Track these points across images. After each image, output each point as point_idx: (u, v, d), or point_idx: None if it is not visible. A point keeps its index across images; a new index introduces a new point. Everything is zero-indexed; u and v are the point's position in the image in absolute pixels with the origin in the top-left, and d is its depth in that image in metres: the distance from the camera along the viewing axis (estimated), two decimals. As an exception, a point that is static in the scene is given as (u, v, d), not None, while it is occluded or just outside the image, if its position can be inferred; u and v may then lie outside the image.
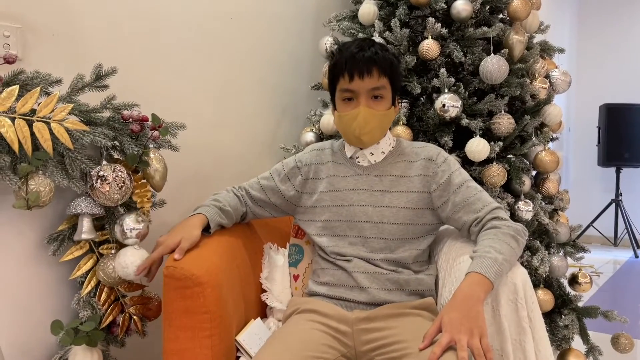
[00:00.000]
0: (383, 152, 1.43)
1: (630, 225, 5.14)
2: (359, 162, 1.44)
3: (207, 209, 1.39)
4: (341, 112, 1.38)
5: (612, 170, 5.38)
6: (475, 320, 1.06)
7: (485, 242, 1.22)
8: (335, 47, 1.58)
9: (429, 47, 1.81)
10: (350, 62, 1.32)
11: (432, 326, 1.11)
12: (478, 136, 1.77)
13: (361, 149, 1.43)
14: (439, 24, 1.82)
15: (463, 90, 1.81)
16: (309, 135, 2.06)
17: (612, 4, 5.67)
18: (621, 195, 5.30)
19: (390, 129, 1.79)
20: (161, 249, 1.27)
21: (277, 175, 1.51)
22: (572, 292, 1.94)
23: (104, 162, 1.36)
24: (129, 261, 1.33)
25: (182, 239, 1.26)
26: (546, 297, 1.81)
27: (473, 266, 1.16)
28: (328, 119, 1.97)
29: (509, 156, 1.90)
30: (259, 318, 1.43)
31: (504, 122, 1.80)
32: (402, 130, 1.79)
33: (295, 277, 1.56)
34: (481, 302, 1.10)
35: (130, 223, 1.39)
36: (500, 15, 1.99)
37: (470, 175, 1.84)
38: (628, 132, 5.14)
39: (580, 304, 1.93)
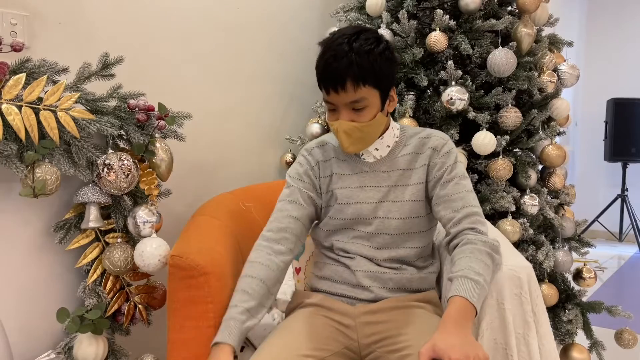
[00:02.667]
0: (388, 146, 1.36)
1: (635, 221, 5.12)
2: (364, 158, 1.37)
3: (236, 333, 1.18)
4: (328, 120, 1.30)
5: (619, 165, 5.35)
6: (478, 347, 1.02)
7: (462, 261, 1.17)
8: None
9: (437, 39, 1.80)
10: (323, 75, 1.21)
11: (424, 351, 1.03)
12: (485, 129, 1.77)
13: None
14: (447, 16, 1.81)
15: (470, 83, 1.80)
16: (315, 127, 2.06)
17: (621, -3, 5.62)
18: (627, 191, 5.27)
19: (395, 119, 1.79)
20: None
21: (303, 186, 1.38)
22: (576, 287, 1.94)
23: (110, 151, 1.36)
24: (148, 252, 1.33)
25: None
26: (550, 292, 1.81)
27: (456, 288, 1.11)
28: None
29: (515, 150, 1.89)
30: (263, 309, 1.43)
31: (511, 116, 1.79)
32: (408, 122, 1.79)
33: (297, 270, 1.56)
34: (470, 326, 1.07)
35: (143, 216, 1.40)
36: (509, 8, 1.98)
37: (476, 169, 1.84)
38: (635, 127, 5.11)
39: (584, 299, 1.93)
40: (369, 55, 1.19)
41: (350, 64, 1.17)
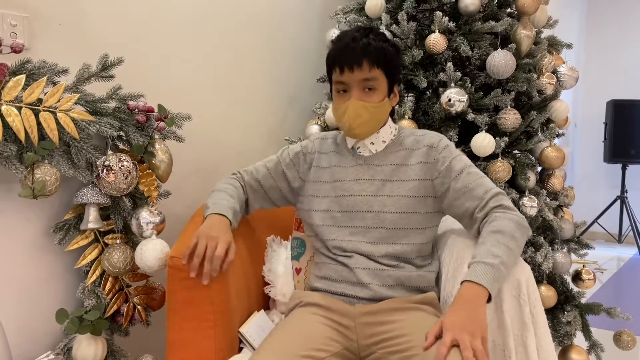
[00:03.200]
0: (384, 141, 1.41)
1: (635, 222, 5.12)
2: (360, 152, 1.42)
3: (229, 213, 1.33)
4: (335, 105, 1.37)
5: (618, 166, 5.35)
6: (477, 322, 1.05)
7: (481, 247, 1.20)
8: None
9: (436, 40, 1.80)
10: (341, 54, 1.31)
11: (434, 326, 1.09)
12: (484, 131, 1.77)
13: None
14: (447, 18, 1.81)
15: (469, 84, 1.81)
16: (314, 128, 2.06)
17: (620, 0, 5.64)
18: (626, 192, 5.28)
19: (395, 121, 1.79)
20: (223, 244, 1.21)
21: (283, 160, 1.48)
22: (575, 289, 1.94)
23: (110, 152, 1.36)
24: (148, 253, 1.34)
25: (231, 244, 1.24)
26: (549, 293, 1.81)
27: (468, 274, 1.15)
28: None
29: (514, 152, 1.89)
30: (262, 310, 1.43)
31: (510, 118, 1.80)
32: (407, 124, 1.79)
33: (298, 271, 1.56)
34: (482, 305, 1.09)
35: (146, 216, 1.40)
36: (509, 10, 1.98)
37: (475, 170, 1.84)
38: (635, 128, 5.11)
39: (583, 300, 1.93)
40: (382, 43, 1.33)
41: (367, 45, 1.30)
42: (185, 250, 1.21)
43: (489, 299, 1.13)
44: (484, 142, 1.74)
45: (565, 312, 1.88)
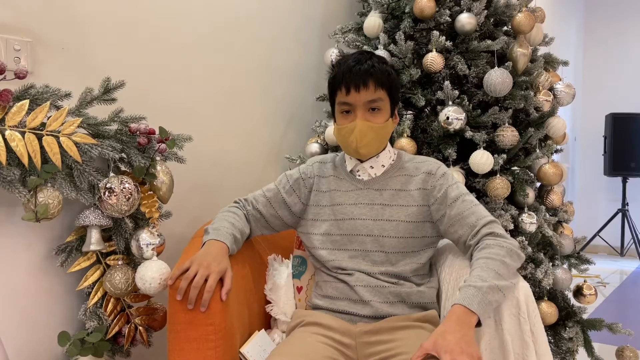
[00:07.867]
0: (383, 166, 1.43)
1: (636, 235, 5.11)
2: (359, 176, 1.44)
3: (228, 239, 1.34)
4: (339, 125, 1.39)
5: (619, 179, 5.36)
6: (473, 345, 1.06)
7: (474, 272, 1.21)
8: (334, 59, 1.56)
9: (434, 59, 1.82)
10: (347, 75, 1.33)
11: (420, 349, 1.08)
12: (482, 148, 1.78)
13: (361, 162, 1.44)
14: (444, 37, 1.84)
15: (467, 102, 1.82)
16: (314, 146, 2.08)
17: (618, 13, 5.68)
18: (627, 205, 5.28)
19: (394, 141, 1.81)
20: (215, 276, 1.20)
21: (283, 187, 1.50)
22: (577, 304, 1.94)
23: (112, 174, 1.38)
24: (149, 275, 1.34)
25: (227, 272, 1.23)
26: (550, 310, 1.81)
27: (457, 298, 1.16)
28: (333, 130, 1.98)
29: (513, 168, 1.90)
30: (263, 330, 1.43)
31: (508, 135, 1.81)
32: (406, 142, 1.80)
33: (299, 289, 1.57)
34: (471, 329, 1.10)
35: (146, 238, 1.41)
36: (505, 28, 2.00)
37: (474, 187, 1.86)
38: (634, 141, 5.13)
39: (585, 315, 1.92)
40: (385, 65, 1.38)
41: (372, 67, 1.34)
42: (175, 272, 1.22)
43: (479, 323, 1.13)
44: (482, 159, 1.76)
45: (567, 328, 1.87)
